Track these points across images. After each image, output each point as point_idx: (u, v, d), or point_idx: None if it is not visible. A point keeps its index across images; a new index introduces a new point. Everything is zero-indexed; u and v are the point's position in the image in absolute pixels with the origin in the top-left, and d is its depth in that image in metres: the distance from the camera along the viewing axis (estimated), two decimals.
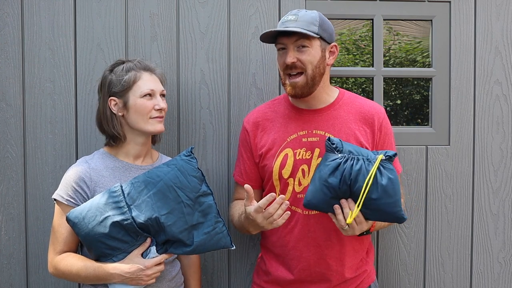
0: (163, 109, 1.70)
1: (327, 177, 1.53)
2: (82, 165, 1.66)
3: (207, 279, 2.07)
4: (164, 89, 1.73)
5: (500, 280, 2.12)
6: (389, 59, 2.28)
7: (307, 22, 1.64)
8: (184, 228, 1.56)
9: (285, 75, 1.69)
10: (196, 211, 1.58)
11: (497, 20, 2.09)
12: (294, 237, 1.71)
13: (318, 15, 1.68)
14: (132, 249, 1.57)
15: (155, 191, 1.56)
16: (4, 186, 2.01)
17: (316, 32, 1.64)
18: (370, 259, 1.82)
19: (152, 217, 1.54)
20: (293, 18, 1.65)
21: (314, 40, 1.66)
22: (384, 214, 1.54)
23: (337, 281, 1.72)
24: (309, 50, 1.66)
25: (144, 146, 1.73)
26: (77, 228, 1.55)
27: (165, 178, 1.57)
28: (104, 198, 1.56)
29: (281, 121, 1.77)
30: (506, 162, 2.10)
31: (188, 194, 1.57)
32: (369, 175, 1.50)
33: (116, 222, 1.53)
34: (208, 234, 1.58)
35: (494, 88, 2.10)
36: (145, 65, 1.72)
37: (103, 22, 2.01)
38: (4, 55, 1.99)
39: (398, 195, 1.53)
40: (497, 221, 2.11)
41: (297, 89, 1.68)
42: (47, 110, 2.01)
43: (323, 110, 1.75)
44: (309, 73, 1.66)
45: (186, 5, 2.04)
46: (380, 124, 1.74)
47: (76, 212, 1.56)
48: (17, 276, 2.02)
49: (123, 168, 1.70)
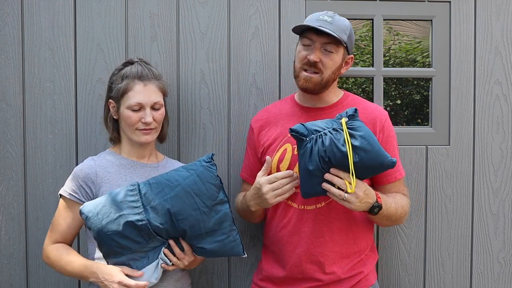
0: (149, 123, 1.66)
1: (307, 165, 1.54)
2: (89, 162, 1.70)
3: (207, 279, 2.07)
4: (158, 101, 1.68)
5: (500, 280, 2.12)
6: (389, 59, 2.28)
7: (341, 29, 1.67)
8: (198, 234, 1.56)
9: (302, 69, 1.71)
10: (212, 218, 1.56)
11: (497, 20, 2.09)
12: (288, 231, 1.72)
13: (349, 26, 1.72)
14: (142, 250, 1.55)
15: (172, 195, 1.54)
16: (4, 186, 2.01)
17: (344, 40, 1.67)
18: (370, 263, 1.79)
19: (167, 221, 1.53)
20: (329, 20, 1.67)
21: (340, 47, 1.70)
22: (374, 168, 1.55)
23: (328, 279, 1.71)
24: (333, 56, 1.69)
25: (144, 148, 1.74)
26: (89, 222, 1.53)
27: (183, 183, 1.56)
28: (121, 195, 1.55)
29: (285, 118, 1.80)
30: (506, 162, 2.10)
31: (205, 201, 1.56)
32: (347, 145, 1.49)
33: (131, 222, 1.52)
34: (222, 242, 1.58)
35: (494, 88, 2.10)
36: (142, 73, 1.67)
37: (103, 22, 2.01)
38: (4, 55, 1.99)
39: (376, 144, 1.52)
40: (497, 221, 2.11)
41: (310, 84, 1.69)
42: (47, 110, 2.01)
43: (326, 109, 1.77)
44: (325, 77, 1.70)
45: (186, 5, 2.04)
46: (382, 126, 1.75)
47: (90, 206, 1.54)
48: (17, 276, 2.02)
49: (128, 165, 1.71)
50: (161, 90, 1.71)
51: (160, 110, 1.70)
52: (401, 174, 1.78)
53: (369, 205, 1.57)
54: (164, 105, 1.75)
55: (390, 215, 1.67)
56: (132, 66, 1.70)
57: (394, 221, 1.72)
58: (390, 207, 1.66)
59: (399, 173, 1.77)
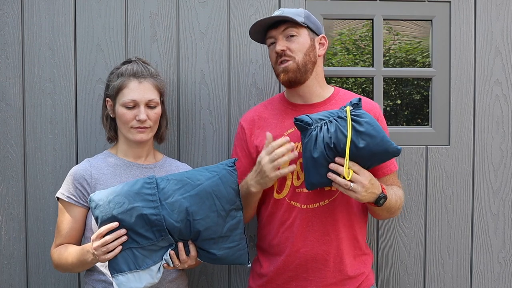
0: (142, 120, 1.65)
1: (312, 153, 1.54)
2: (84, 164, 1.70)
3: (207, 280, 2.07)
4: (153, 98, 1.67)
5: (500, 280, 2.12)
6: (389, 59, 2.28)
7: (293, 13, 1.68)
8: (211, 237, 1.53)
9: (277, 65, 1.71)
10: (227, 223, 1.55)
11: (497, 20, 2.09)
12: (292, 232, 1.71)
13: (303, 10, 1.73)
14: (149, 248, 1.50)
15: (193, 194, 1.51)
16: (4, 186, 2.01)
17: (302, 21, 1.68)
18: (369, 262, 1.80)
19: (183, 219, 1.49)
20: (279, 13, 1.69)
21: (302, 29, 1.70)
22: (379, 155, 1.54)
23: (334, 278, 1.71)
24: (298, 39, 1.69)
25: (141, 147, 1.73)
26: (98, 210, 1.48)
27: (205, 183, 1.53)
28: (137, 186, 1.51)
29: (278, 117, 1.78)
30: (506, 162, 2.10)
31: (224, 205, 1.54)
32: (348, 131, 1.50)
33: (144, 215, 1.47)
34: (231, 249, 1.56)
35: (494, 88, 2.10)
36: (137, 71, 1.67)
37: (103, 22, 2.01)
38: (4, 55, 1.99)
39: (382, 131, 1.53)
40: (497, 221, 2.11)
41: (289, 73, 1.68)
42: (47, 110, 2.01)
43: (319, 105, 1.76)
44: (299, 60, 1.68)
45: (186, 5, 2.04)
46: (377, 118, 1.76)
47: (101, 195, 1.51)
48: (17, 276, 2.02)
49: (124, 166, 1.70)
50: (156, 88, 1.70)
51: (155, 108, 1.69)
52: (395, 166, 1.80)
53: (374, 196, 1.57)
54: (162, 104, 1.74)
55: (391, 207, 1.68)
56: (129, 64, 1.71)
57: (392, 213, 1.74)
58: (392, 199, 1.66)
59: (394, 166, 1.79)
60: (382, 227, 2.09)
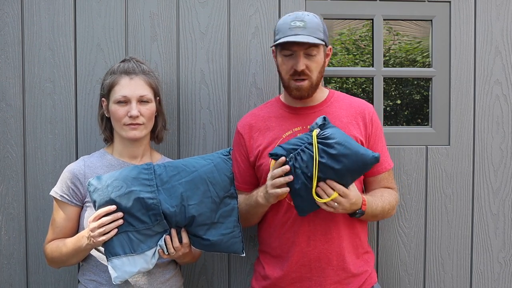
0: (134, 116, 1.64)
1: (294, 184, 1.56)
2: (78, 163, 1.71)
3: (207, 279, 2.07)
4: (145, 94, 1.67)
5: (500, 280, 2.12)
6: (389, 59, 2.28)
7: (315, 29, 1.67)
8: (205, 223, 1.57)
9: (290, 79, 1.71)
10: (220, 210, 1.59)
11: (497, 20, 2.09)
12: (294, 233, 1.71)
13: (321, 20, 1.72)
14: (145, 232, 1.53)
15: (188, 180, 1.56)
16: (4, 186, 2.01)
17: (322, 38, 1.69)
18: (371, 261, 1.82)
19: (178, 204, 1.53)
20: (302, 25, 1.66)
21: (320, 47, 1.71)
22: (358, 169, 1.56)
23: (337, 276, 1.71)
24: (316, 57, 1.70)
25: (136, 147, 1.73)
26: (96, 194, 1.53)
27: (200, 170, 1.58)
28: (135, 172, 1.55)
29: (276, 120, 1.80)
30: (506, 162, 2.10)
31: (218, 191, 1.58)
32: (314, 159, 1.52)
33: (141, 199, 1.51)
34: (225, 236, 1.59)
35: (494, 88, 2.10)
36: (128, 68, 1.68)
37: (103, 22, 2.01)
38: (4, 55, 1.99)
39: (354, 146, 1.54)
40: (497, 221, 2.11)
41: (303, 91, 1.71)
42: (47, 110, 2.01)
43: (316, 107, 1.79)
44: (314, 80, 1.72)
45: (186, 5, 2.04)
46: (371, 118, 1.79)
47: (100, 179, 1.55)
48: (17, 276, 2.02)
49: (118, 166, 1.70)
50: (148, 84, 1.70)
51: (148, 104, 1.68)
52: (390, 164, 1.81)
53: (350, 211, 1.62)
54: (158, 103, 1.74)
55: (375, 214, 1.72)
56: (122, 63, 1.72)
57: (380, 217, 1.79)
58: (376, 209, 1.70)
59: (388, 164, 1.81)
60: (382, 227, 2.09)
